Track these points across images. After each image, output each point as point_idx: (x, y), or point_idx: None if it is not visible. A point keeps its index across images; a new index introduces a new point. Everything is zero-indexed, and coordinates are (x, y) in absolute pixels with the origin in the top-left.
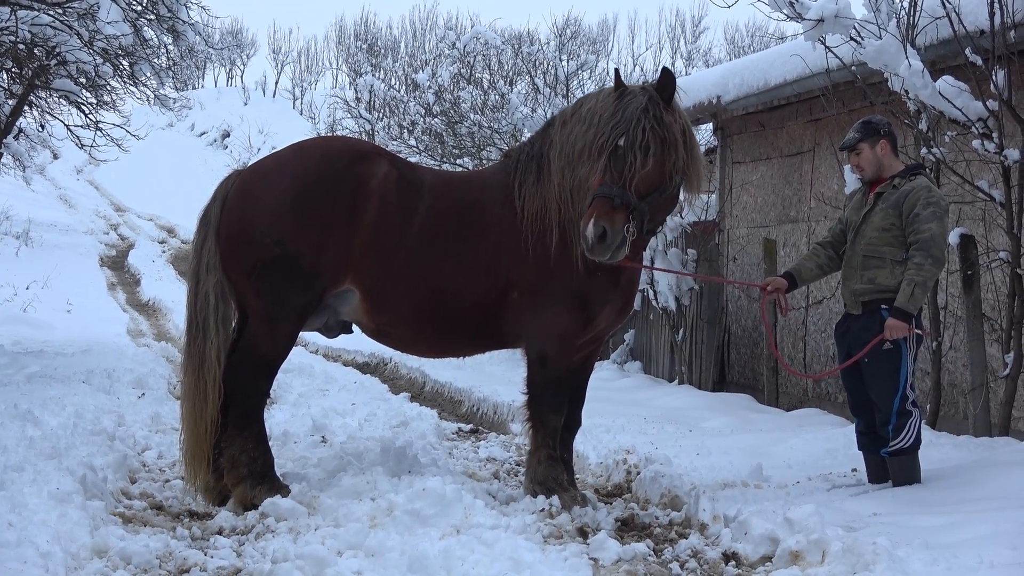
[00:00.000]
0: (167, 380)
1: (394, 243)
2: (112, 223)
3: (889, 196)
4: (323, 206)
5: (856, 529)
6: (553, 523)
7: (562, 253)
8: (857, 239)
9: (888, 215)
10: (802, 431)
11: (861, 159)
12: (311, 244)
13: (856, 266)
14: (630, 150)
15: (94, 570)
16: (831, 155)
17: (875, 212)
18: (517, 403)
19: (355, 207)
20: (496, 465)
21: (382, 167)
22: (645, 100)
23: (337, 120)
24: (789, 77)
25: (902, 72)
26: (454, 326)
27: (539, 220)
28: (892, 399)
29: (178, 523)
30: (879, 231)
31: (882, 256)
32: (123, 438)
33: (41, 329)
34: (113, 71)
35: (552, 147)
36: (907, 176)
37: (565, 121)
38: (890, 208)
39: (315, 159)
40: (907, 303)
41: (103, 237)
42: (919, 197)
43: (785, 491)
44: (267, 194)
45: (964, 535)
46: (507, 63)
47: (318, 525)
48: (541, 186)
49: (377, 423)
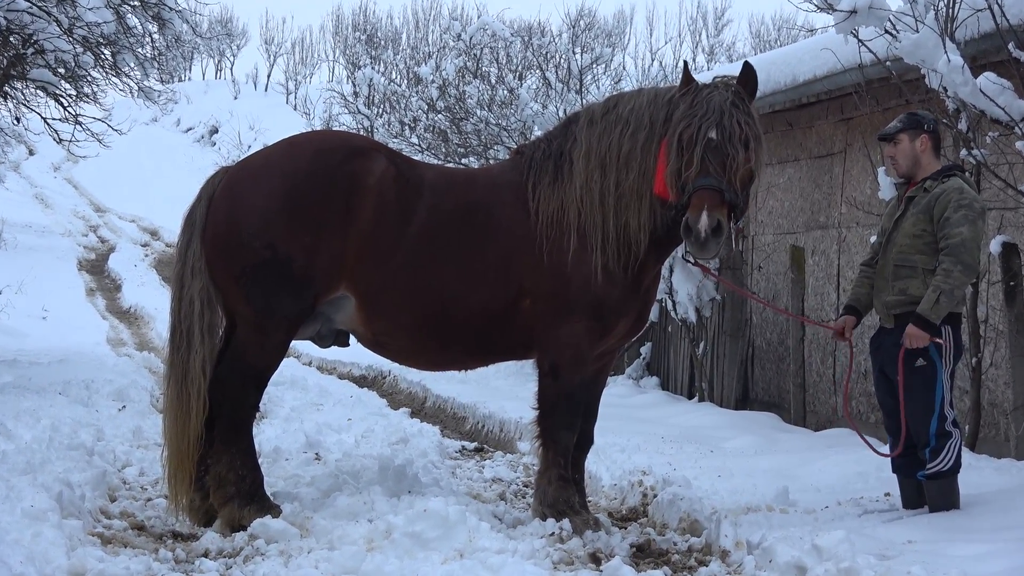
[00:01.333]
0: (149, 392)
1: (391, 246)
2: (91, 224)
3: (920, 200)
4: (316, 206)
5: (889, 557)
6: (564, 548)
7: (580, 259)
8: (889, 247)
9: (919, 220)
10: (831, 452)
11: (898, 151)
12: (303, 247)
13: (887, 276)
14: (728, 143)
15: None
16: (864, 157)
17: (906, 218)
18: (525, 420)
19: (350, 207)
20: (502, 486)
21: (379, 163)
22: (731, 94)
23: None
24: (819, 73)
25: (940, 68)
26: (457, 336)
27: (555, 223)
28: (929, 419)
29: (161, 545)
30: (910, 238)
31: (913, 265)
32: (102, 453)
33: (14, 337)
34: (94, 61)
35: (576, 147)
36: (939, 178)
37: (593, 120)
38: (921, 213)
39: (307, 155)
40: (930, 311)
41: (81, 239)
42: (950, 200)
43: (813, 516)
44: (256, 193)
45: (1004, 565)
46: (516, 56)
47: (311, 548)
48: (559, 187)
49: (375, 440)
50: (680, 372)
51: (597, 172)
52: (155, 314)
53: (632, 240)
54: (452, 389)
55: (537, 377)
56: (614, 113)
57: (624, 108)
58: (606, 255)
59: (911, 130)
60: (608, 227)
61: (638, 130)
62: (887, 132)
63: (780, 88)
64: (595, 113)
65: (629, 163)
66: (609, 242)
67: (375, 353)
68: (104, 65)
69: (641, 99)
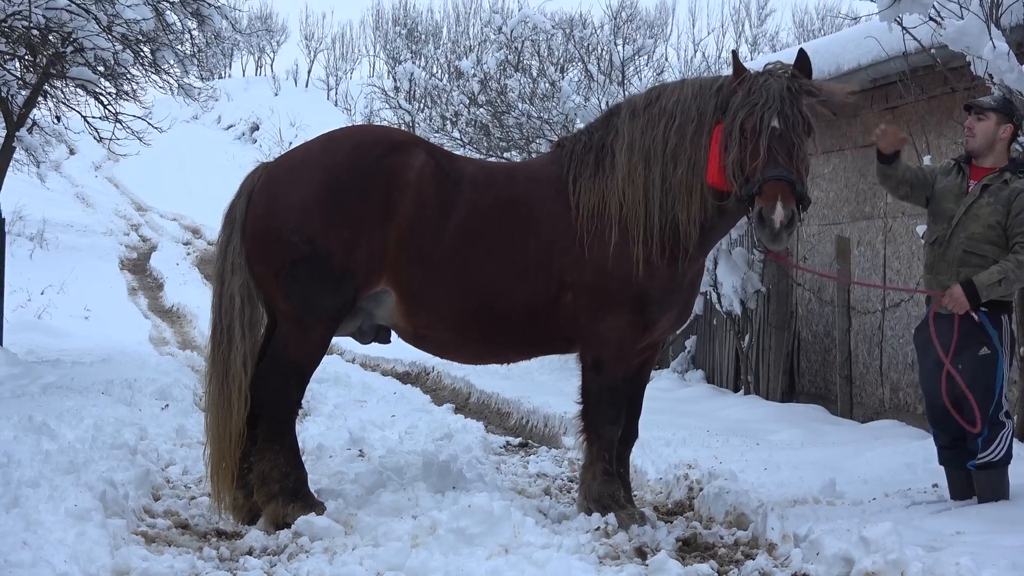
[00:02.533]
0: (192, 391)
1: (432, 240)
2: (133, 223)
3: (999, 191)
4: (355, 201)
5: (938, 549)
6: (609, 543)
7: (622, 252)
8: (957, 231)
9: (996, 212)
10: (878, 444)
11: (980, 127)
12: (342, 242)
13: (952, 260)
14: (792, 132)
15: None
16: (910, 145)
17: (981, 205)
18: (570, 415)
19: (389, 201)
20: (547, 481)
21: (418, 158)
22: (788, 81)
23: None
24: (863, 61)
25: (986, 55)
26: (498, 329)
27: (596, 216)
28: (988, 408)
29: (205, 543)
30: (984, 227)
31: (984, 255)
32: (145, 452)
33: (57, 337)
34: (133, 58)
35: (618, 139)
36: (1018, 171)
37: (636, 113)
38: (1000, 204)
39: (346, 150)
40: (986, 286)
41: (123, 238)
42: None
43: (860, 508)
44: (295, 188)
45: None
46: (557, 49)
47: (355, 544)
48: (600, 180)
49: (419, 436)
50: (726, 365)
51: (641, 165)
52: (197, 312)
53: (682, 234)
54: (496, 384)
55: (580, 371)
56: (657, 106)
57: (668, 101)
58: (648, 248)
59: (1002, 113)
60: (652, 221)
61: (685, 123)
62: (980, 104)
63: (824, 77)
64: (637, 105)
65: (677, 157)
66: (653, 236)
67: (416, 347)
68: (144, 62)
69: (685, 91)
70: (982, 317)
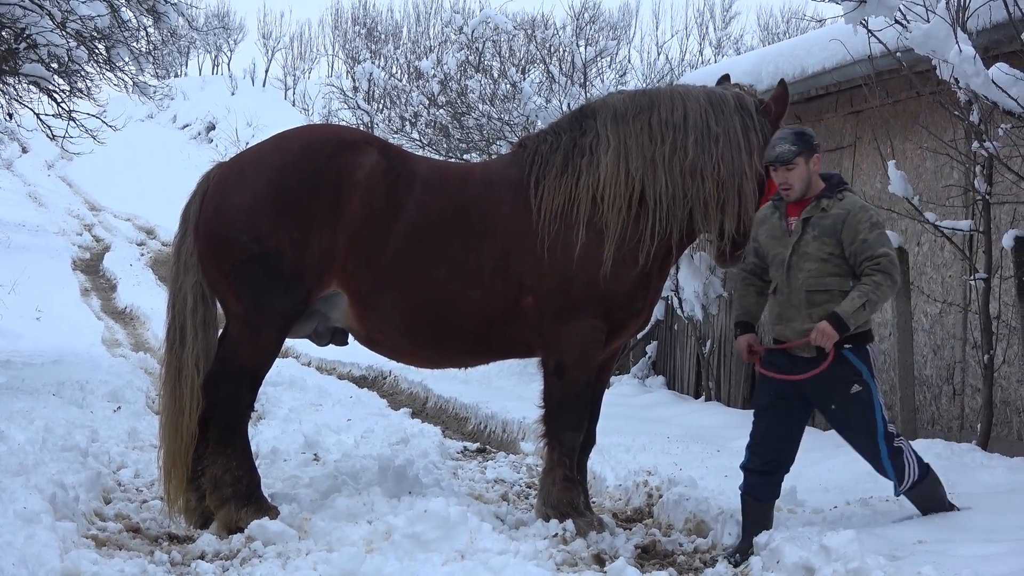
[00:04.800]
0: (145, 393)
1: (381, 242)
2: (86, 223)
3: (820, 222)
4: (304, 201)
5: (899, 558)
6: (567, 549)
7: (588, 255)
8: (792, 274)
9: (825, 244)
10: (840, 452)
11: (793, 176)
12: (291, 242)
13: (799, 304)
14: None
15: None
16: (874, 150)
17: (806, 242)
18: (528, 420)
19: (339, 201)
20: (505, 487)
21: (369, 157)
22: None
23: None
24: (828, 65)
25: (952, 59)
26: (451, 335)
27: (561, 218)
28: (875, 442)
29: (156, 547)
30: (818, 262)
31: (829, 289)
32: (97, 455)
33: (8, 338)
34: (88, 55)
35: (599, 142)
36: (833, 195)
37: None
38: (826, 236)
39: (295, 150)
40: (851, 314)
41: (76, 238)
42: (859, 220)
43: (821, 516)
44: (244, 189)
45: (1016, 565)
46: (519, 50)
47: (309, 550)
48: (567, 180)
49: (375, 440)
50: (687, 371)
51: (639, 171)
52: (151, 314)
53: (675, 244)
54: (454, 389)
55: (543, 376)
56: (656, 115)
57: (672, 113)
58: (622, 252)
59: (807, 152)
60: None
61: (706, 139)
62: (784, 158)
63: (789, 81)
64: (619, 109)
65: (700, 171)
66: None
67: (371, 351)
68: (98, 60)
69: (692, 104)
70: (847, 354)
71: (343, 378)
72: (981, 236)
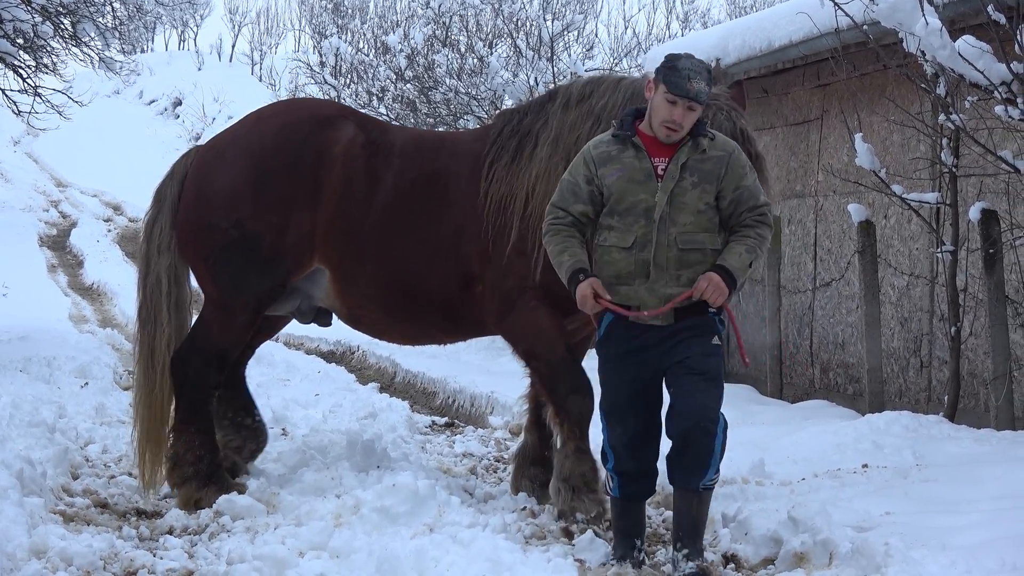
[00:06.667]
0: (112, 369)
1: (360, 215)
2: (52, 199)
3: (699, 166)
4: (282, 183)
5: (867, 529)
6: (535, 522)
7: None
8: (664, 227)
9: (705, 193)
10: (808, 424)
11: (690, 118)
12: (270, 225)
13: (668, 264)
14: None
15: (32, 572)
16: (840, 124)
17: (683, 190)
18: (497, 394)
19: (317, 179)
20: (473, 460)
21: (346, 131)
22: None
23: (300, 86)
24: (795, 38)
25: (918, 31)
26: (422, 310)
27: (502, 211)
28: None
29: (124, 522)
30: (694, 215)
31: (702, 247)
32: (64, 430)
33: None
34: (54, 31)
35: (545, 129)
36: (707, 134)
37: (569, 104)
38: (706, 184)
39: (273, 131)
40: (742, 272)
41: (42, 215)
42: (741, 164)
43: (789, 488)
44: (223, 173)
45: (985, 535)
46: (486, 24)
47: (278, 524)
48: (514, 169)
49: (343, 415)
50: None
51: (562, 165)
52: (118, 290)
53: None
54: (422, 364)
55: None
56: (588, 103)
57: (599, 101)
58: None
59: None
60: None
61: None
62: (701, 98)
63: (755, 54)
64: (572, 96)
65: None
66: None
67: (354, 329)
68: (64, 35)
69: (618, 95)
70: (712, 316)
71: (311, 353)
72: (948, 209)
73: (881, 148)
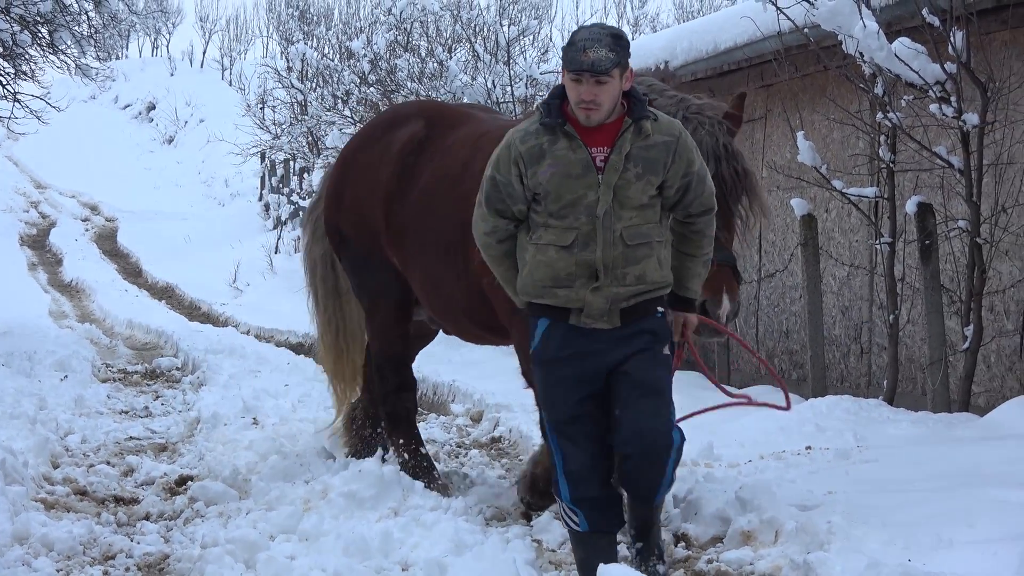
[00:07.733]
0: (91, 362)
1: (401, 214)
2: (32, 200)
3: (643, 154)
4: (358, 184)
5: (810, 508)
6: (496, 505)
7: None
8: (608, 223)
9: (650, 184)
10: (753, 409)
11: (604, 92)
12: (352, 224)
13: (614, 263)
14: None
15: (14, 557)
16: (784, 122)
17: (628, 183)
18: (458, 383)
19: (378, 178)
20: (436, 447)
21: (410, 129)
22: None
23: (268, 90)
24: (740, 41)
25: (856, 34)
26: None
27: None
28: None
29: (103, 509)
30: (638, 210)
31: (648, 241)
32: (44, 421)
33: None
34: (31, 39)
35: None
36: (650, 115)
37: None
38: (651, 175)
39: (360, 135)
40: (697, 291)
41: (22, 215)
42: (689, 148)
43: (737, 470)
44: (328, 178)
45: (922, 513)
46: (445, 29)
47: (249, 509)
48: None
49: (311, 404)
50: None
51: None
52: (96, 287)
53: None
54: None
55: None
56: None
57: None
58: None
59: (624, 62)
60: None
61: None
62: (599, 66)
63: (702, 56)
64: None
65: None
66: None
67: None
68: (42, 43)
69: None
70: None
71: (281, 345)
72: (886, 202)
73: (822, 145)
